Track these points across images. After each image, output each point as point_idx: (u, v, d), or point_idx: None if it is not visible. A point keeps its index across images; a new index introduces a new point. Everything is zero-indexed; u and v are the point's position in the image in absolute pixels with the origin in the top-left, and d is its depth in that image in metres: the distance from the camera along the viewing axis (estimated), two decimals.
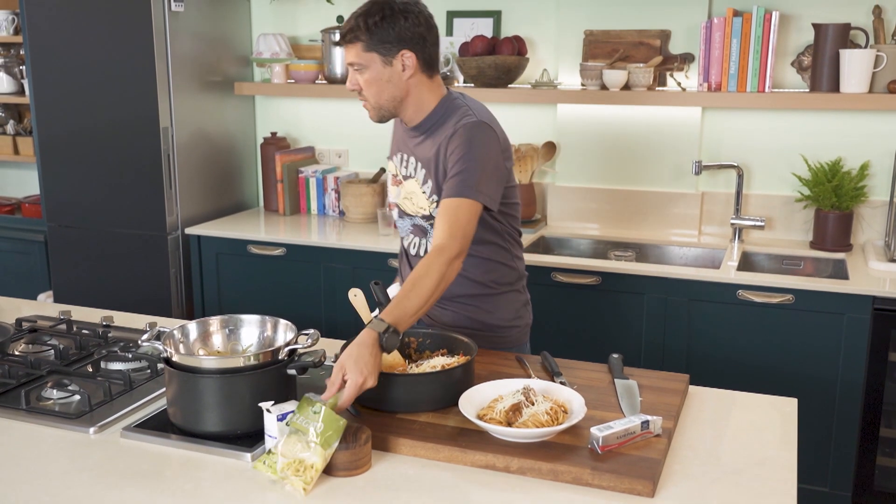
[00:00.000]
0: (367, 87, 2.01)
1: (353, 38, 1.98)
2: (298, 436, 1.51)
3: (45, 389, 1.87)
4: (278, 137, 3.92)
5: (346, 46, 2.01)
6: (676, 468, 1.58)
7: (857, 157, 3.20)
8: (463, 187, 1.93)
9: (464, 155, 1.96)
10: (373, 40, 1.97)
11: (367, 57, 1.98)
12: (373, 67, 1.99)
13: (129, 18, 3.40)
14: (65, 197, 3.71)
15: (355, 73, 2.02)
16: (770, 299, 2.81)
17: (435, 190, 2.06)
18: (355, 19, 1.99)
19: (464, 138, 1.97)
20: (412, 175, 2.12)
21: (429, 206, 2.10)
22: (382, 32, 1.97)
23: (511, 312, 2.19)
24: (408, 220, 2.18)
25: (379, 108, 2.05)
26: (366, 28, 1.97)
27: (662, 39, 3.34)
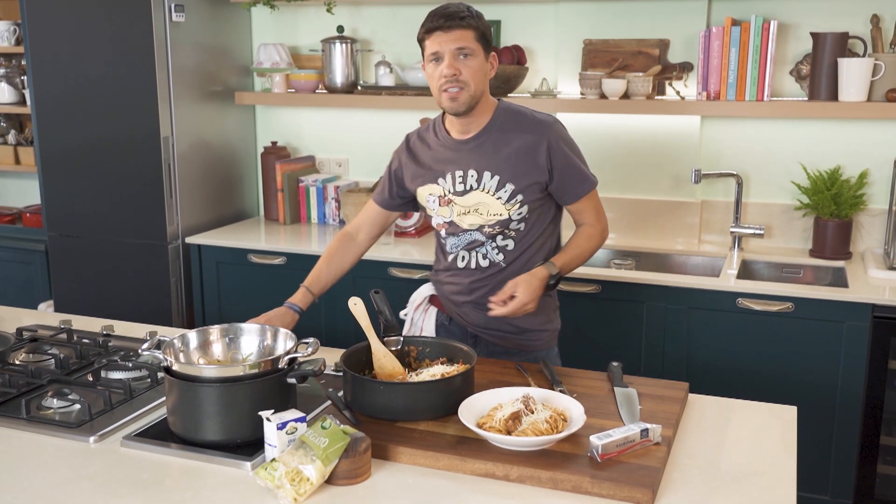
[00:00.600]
0: (470, 73, 2.03)
1: (468, 24, 2.02)
2: (305, 449, 1.52)
3: (45, 398, 1.88)
4: (279, 147, 3.93)
5: (456, 30, 2.01)
6: (676, 476, 1.58)
7: (856, 165, 3.21)
8: (586, 183, 2.14)
9: (570, 151, 2.11)
10: (481, 32, 2.04)
11: (476, 46, 2.03)
12: (478, 57, 2.04)
13: (130, 28, 3.42)
14: (66, 206, 3.72)
15: (459, 59, 2.02)
16: (770, 307, 2.82)
17: (521, 190, 2.08)
18: (465, 8, 2.03)
19: (557, 136, 2.10)
20: (475, 187, 2.11)
21: (507, 210, 2.10)
22: (487, 29, 2.07)
23: (543, 316, 2.21)
24: (463, 236, 2.16)
25: (473, 97, 2.05)
26: (477, 19, 2.04)
27: (661, 48, 3.35)
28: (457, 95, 2.03)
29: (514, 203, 2.09)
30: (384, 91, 3.61)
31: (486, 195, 2.10)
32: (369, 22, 3.80)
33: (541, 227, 2.15)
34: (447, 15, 2.01)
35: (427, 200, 2.20)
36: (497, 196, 2.09)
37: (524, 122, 2.11)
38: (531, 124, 2.10)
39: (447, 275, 2.24)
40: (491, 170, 2.09)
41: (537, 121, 2.11)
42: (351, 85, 3.72)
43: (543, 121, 2.11)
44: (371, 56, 3.82)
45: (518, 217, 2.11)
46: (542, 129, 2.09)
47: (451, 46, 2.01)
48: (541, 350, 2.22)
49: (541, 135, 2.08)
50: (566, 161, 2.10)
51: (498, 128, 2.11)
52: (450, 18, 2.00)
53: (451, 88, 2.03)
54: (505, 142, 2.09)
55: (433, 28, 2.01)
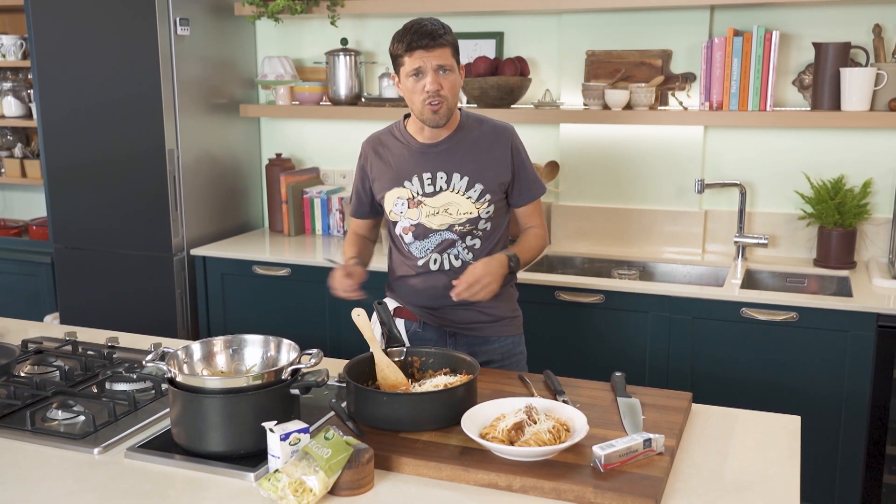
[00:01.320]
0: (450, 88, 2.15)
1: (446, 41, 2.13)
2: (308, 460, 1.52)
3: (50, 410, 1.89)
4: (283, 159, 3.95)
5: (437, 49, 2.11)
6: (679, 486, 1.58)
7: (860, 174, 3.21)
8: (539, 186, 2.33)
9: (525, 157, 2.30)
10: (456, 47, 2.17)
11: (453, 61, 2.15)
12: (455, 72, 2.16)
13: (136, 42, 3.44)
14: (71, 219, 3.74)
15: (440, 74, 2.13)
16: (774, 317, 2.81)
17: (489, 190, 2.22)
18: (441, 26, 2.13)
19: (518, 141, 2.29)
20: (444, 188, 2.23)
21: (478, 209, 2.23)
22: (456, 44, 2.18)
23: (512, 303, 2.38)
24: (433, 237, 2.25)
25: (451, 109, 2.19)
26: (451, 36, 2.15)
27: (664, 59, 3.36)
28: (438, 109, 2.15)
29: (483, 202, 2.22)
30: (388, 103, 3.63)
31: (456, 195, 2.22)
32: (373, 34, 3.82)
33: (502, 227, 2.31)
34: (428, 34, 2.10)
35: (395, 204, 2.27)
36: (467, 196, 2.22)
37: (488, 127, 2.28)
38: (494, 128, 2.28)
39: (419, 280, 2.30)
40: (460, 171, 2.22)
41: (499, 125, 2.29)
42: (355, 97, 3.74)
43: (505, 126, 2.29)
44: (375, 68, 3.83)
45: (486, 216, 2.24)
46: (504, 132, 2.27)
47: (433, 63, 2.11)
48: (513, 335, 2.35)
49: (505, 137, 2.26)
50: (524, 164, 2.29)
51: (465, 132, 2.25)
52: (432, 38, 2.10)
53: (433, 103, 2.14)
54: (473, 145, 2.24)
55: (416, 47, 2.10)
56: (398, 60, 2.17)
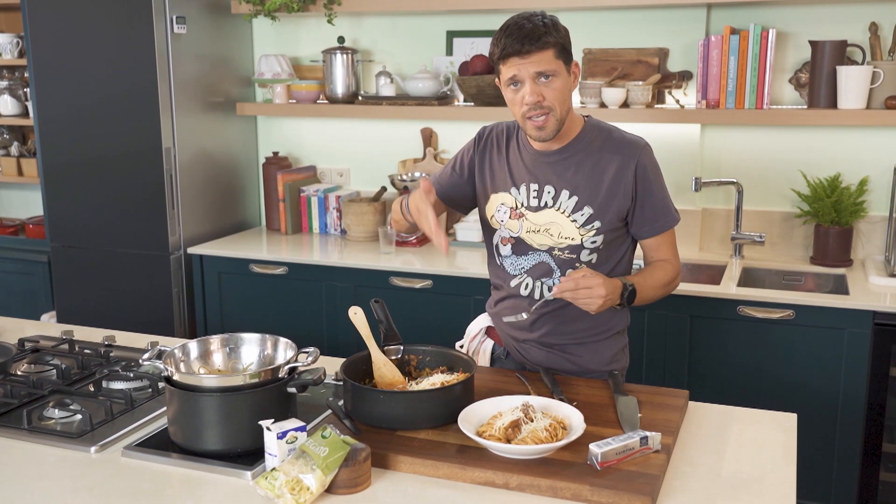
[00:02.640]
0: (555, 96, 1.87)
1: (546, 43, 1.82)
2: (305, 458, 1.52)
3: (46, 409, 1.88)
4: (280, 157, 3.95)
5: (535, 54, 1.82)
6: (675, 484, 1.58)
7: (856, 172, 3.21)
8: (669, 218, 2.01)
9: (657, 180, 1.99)
10: (562, 47, 1.86)
11: (558, 64, 1.86)
12: (561, 76, 1.87)
13: (132, 40, 3.43)
14: (68, 217, 3.73)
15: (540, 82, 1.85)
16: (771, 315, 2.82)
17: (598, 216, 1.95)
18: (542, 26, 1.82)
19: (648, 160, 1.97)
20: (549, 204, 1.97)
21: (581, 235, 1.97)
22: (566, 39, 1.88)
23: (608, 357, 2.09)
24: (531, 256, 2.02)
25: (560, 120, 1.90)
26: (557, 34, 1.85)
27: (660, 57, 3.36)
28: (543, 124, 1.88)
29: (589, 229, 1.96)
30: (385, 101, 3.63)
31: (560, 215, 1.97)
32: (370, 32, 3.82)
33: (612, 263, 2.02)
34: (524, 37, 1.81)
35: (497, 210, 2.04)
36: (572, 218, 1.96)
37: (612, 141, 1.97)
38: (620, 144, 1.96)
39: (507, 303, 2.08)
40: (570, 188, 1.96)
41: (626, 141, 1.97)
42: (352, 95, 3.73)
43: (634, 142, 1.97)
44: (372, 66, 3.83)
45: (591, 245, 1.97)
46: (631, 150, 1.95)
47: (530, 71, 1.84)
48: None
49: (629, 157, 1.94)
50: (651, 189, 1.96)
51: (584, 145, 1.96)
52: (528, 41, 1.81)
53: (536, 117, 1.88)
54: (589, 161, 1.95)
55: (510, 53, 1.83)
56: (495, 67, 1.90)
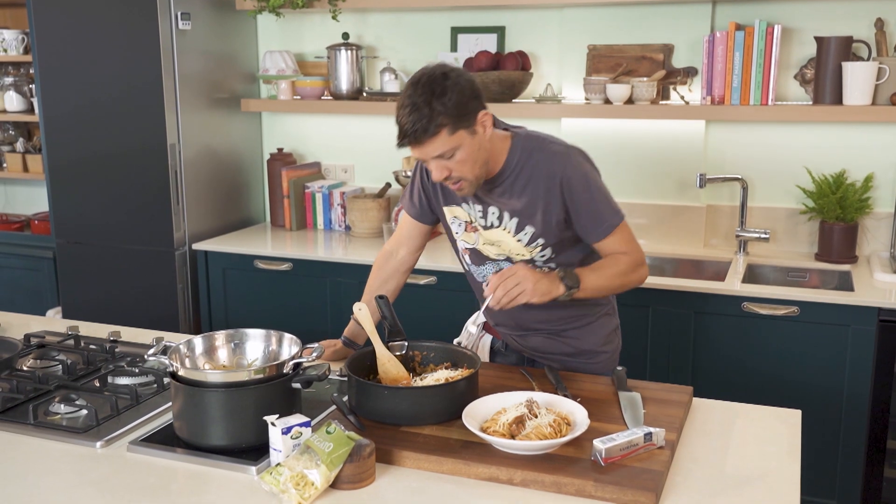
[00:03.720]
0: (462, 167, 1.86)
1: (436, 128, 1.79)
2: (310, 454, 1.53)
3: (52, 404, 1.89)
4: (285, 153, 3.95)
5: (427, 141, 1.81)
6: (679, 480, 1.58)
7: (861, 168, 3.20)
8: (608, 223, 1.96)
9: (588, 187, 1.94)
10: (454, 120, 1.80)
11: (456, 138, 1.82)
12: (464, 145, 1.84)
13: (137, 37, 3.44)
14: (73, 214, 3.74)
15: (444, 161, 1.85)
16: (775, 311, 2.81)
17: (541, 233, 1.97)
18: (426, 108, 1.78)
19: (573, 172, 1.93)
20: (496, 225, 2.01)
21: (530, 252, 2.01)
22: (460, 105, 1.81)
23: (601, 337, 2.14)
24: (490, 265, 2.07)
25: (477, 179, 1.91)
26: (444, 111, 1.79)
27: (665, 53, 3.35)
28: (459, 187, 1.92)
29: (535, 246, 1.99)
30: (389, 97, 3.62)
31: (507, 234, 2.00)
32: (374, 29, 3.82)
33: (577, 264, 2.01)
34: (411, 133, 1.80)
35: (451, 222, 2.10)
36: (517, 238, 2.00)
37: (537, 159, 1.95)
38: (546, 160, 1.94)
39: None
40: (509, 211, 1.98)
41: (552, 155, 1.95)
42: (356, 91, 3.74)
43: (559, 154, 1.95)
44: (376, 62, 3.83)
45: (541, 259, 2.02)
46: (554, 166, 1.93)
47: (429, 155, 1.84)
48: (601, 372, 2.11)
49: (553, 173, 1.93)
50: (581, 200, 1.94)
51: (512, 170, 1.96)
52: (415, 137, 1.80)
53: (450, 185, 1.93)
54: (519, 184, 1.96)
55: (405, 145, 1.84)
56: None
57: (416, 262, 2.30)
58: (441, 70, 1.83)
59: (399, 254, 2.26)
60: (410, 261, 2.27)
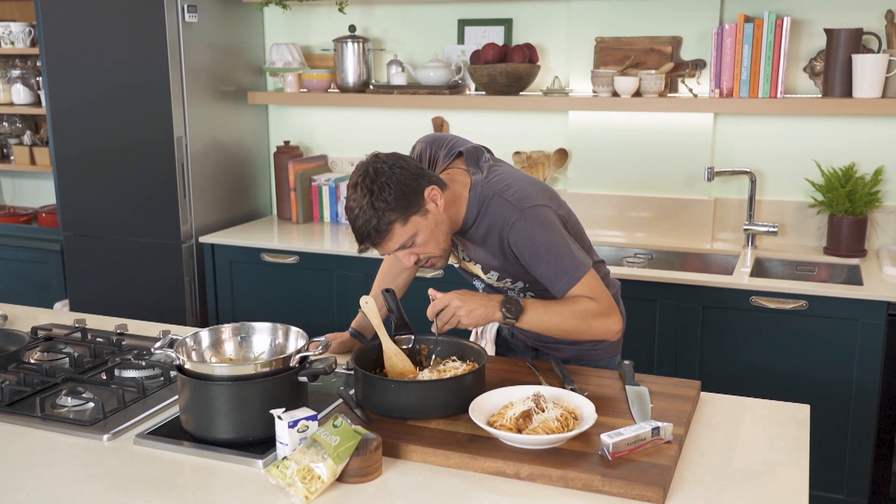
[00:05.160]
0: (426, 248, 1.89)
1: (388, 226, 1.81)
2: (316, 447, 1.52)
3: (59, 397, 1.89)
4: (291, 146, 3.94)
5: (384, 241, 1.84)
6: (687, 475, 1.57)
7: (871, 162, 3.18)
8: (566, 282, 1.88)
9: (536, 250, 1.88)
10: (402, 211, 1.81)
11: (410, 226, 1.84)
12: (420, 230, 1.85)
13: (144, 29, 3.44)
14: (80, 206, 3.75)
15: (406, 250, 1.88)
16: (784, 305, 2.80)
17: (506, 276, 2.01)
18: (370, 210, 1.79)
19: (523, 236, 1.88)
20: (467, 260, 2.06)
21: (503, 285, 2.05)
22: (402, 196, 1.81)
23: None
24: (477, 282, 2.14)
25: (445, 251, 1.93)
26: (388, 207, 1.79)
27: (674, 46, 3.34)
28: (432, 265, 1.95)
29: (504, 281, 2.03)
30: (396, 90, 3.62)
31: (479, 271, 2.05)
32: (381, 21, 3.81)
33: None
34: (363, 239, 1.83)
35: None
36: (487, 276, 2.04)
37: (487, 220, 1.92)
38: (492, 224, 1.91)
39: None
40: (475, 259, 2.02)
41: (497, 220, 1.91)
42: (363, 84, 3.73)
43: (502, 220, 1.90)
44: (383, 55, 3.82)
45: (517, 289, 2.05)
46: (500, 231, 1.90)
47: (392, 250, 1.87)
48: (602, 360, 2.14)
49: (500, 237, 1.91)
50: (530, 262, 1.90)
51: (471, 224, 1.95)
52: (368, 241, 1.83)
53: (423, 265, 1.96)
54: (479, 236, 1.96)
55: (364, 249, 1.87)
56: None
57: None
58: (374, 166, 1.82)
59: None
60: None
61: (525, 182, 1.96)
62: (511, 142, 3.57)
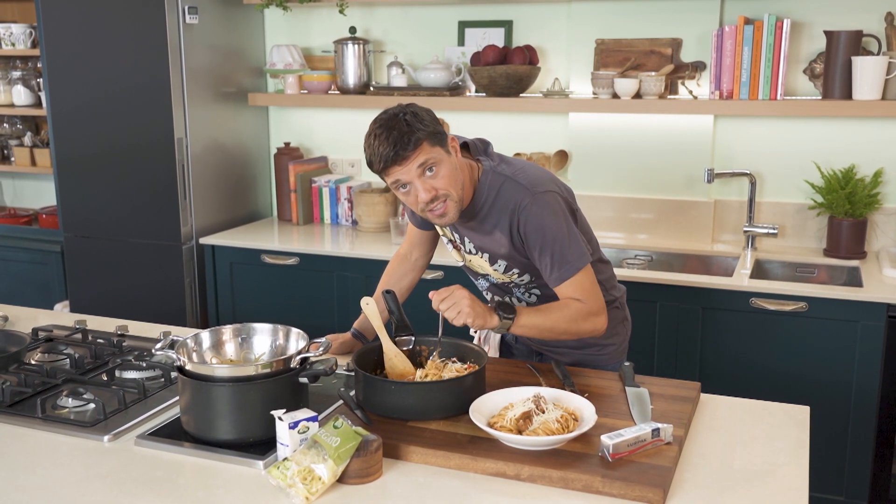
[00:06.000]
0: (445, 182, 1.85)
1: (417, 141, 1.80)
2: (317, 448, 1.53)
3: (60, 398, 1.89)
4: (292, 147, 3.95)
5: (411, 155, 1.80)
6: (687, 476, 1.58)
7: (871, 164, 3.19)
8: (565, 271, 1.91)
9: (544, 233, 1.90)
10: (431, 134, 1.82)
11: (435, 152, 1.83)
12: (444, 161, 1.84)
13: (145, 31, 3.44)
14: (81, 208, 3.75)
15: (427, 178, 1.83)
16: (783, 307, 2.80)
17: (514, 266, 2.01)
18: (403, 125, 1.80)
19: (534, 217, 1.89)
20: (473, 252, 2.05)
21: (509, 278, 2.04)
22: (432, 124, 1.84)
23: (608, 329, 2.08)
24: (482, 280, 2.14)
25: (460, 200, 1.89)
26: (421, 127, 1.81)
27: (674, 48, 3.34)
28: (444, 211, 1.88)
29: (511, 274, 2.03)
30: (396, 92, 3.62)
31: (485, 263, 2.04)
32: (381, 23, 3.81)
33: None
34: (395, 142, 1.79)
35: (442, 238, 2.16)
36: (494, 268, 2.04)
37: (499, 202, 1.93)
38: (504, 204, 1.92)
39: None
40: (480, 247, 2.02)
41: (509, 200, 1.92)
42: (363, 86, 3.73)
43: (515, 202, 1.91)
44: (383, 57, 3.83)
45: (522, 283, 2.05)
46: (511, 212, 1.91)
47: (413, 169, 1.82)
48: (607, 364, 2.13)
49: (510, 220, 1.92)
50: (536, 246, 1.92)
51: (481, 207, 1.95)
52: (401, 146, 1.79)
53: (435, 208, 1.88)
54: (486, 225, 1.97)
55: (388, 163, 1.81)
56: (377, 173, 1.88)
57: (430, 260, 2.35)
58: (402, 106, 1.86)
59: (413, 255, 2.31)
60: (424, 261, 2.33)
61: (536, 169, 2.00)
62: (511, 143, 3.57)
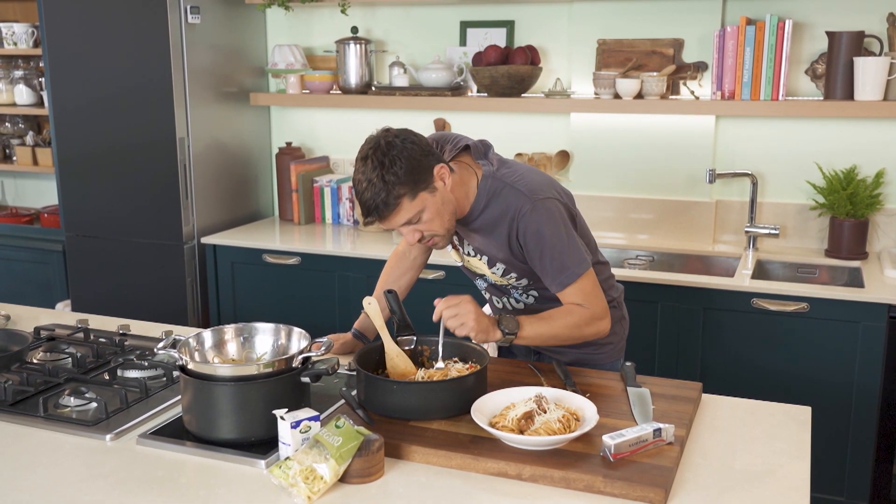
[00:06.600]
0: (430, 225, 1.89)
1: (396, 200, 1.80)
2: (319, 448, 1.53)
3: (62, 397, 1.90)
4: (293, 147, 3.95)
5: (391, 215, 1.83)
6: (688, 476, 1.58)
7: (872, 164, 3.19)
8: (566, 277, 1.91)
9: (542, 241, 1.90)
10: (411, 186, 1.81)
11: (418, 202, 1.84)
12: (427, 206, 1.86)
13: (147, 30, 3.44)
14: (83, 207, 3.75)
15: (411, 226, 1.88)
16: (785, 307, 2.80)
17: (512, 269, 2.02)
18: (380, 183, 1.79)
19: (532, 225, 1.90)
20: (472, 255, 2.06)
21: (507, 281, 2.06)
22: (412, 171, 1.81)
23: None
24: (480, 281, 2.15)
25: (449, 231, 1.93)
26: (398, 181, 1.79)
27: (675, 48, 3.34)
28: (433, 244, 1.95)
29: (509, 277, 2.04)
30: (398, 91, 3.62)
31: (484, 266, 2.05)
32: (383, 22, 3.81)
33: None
34: (371, 212, 1.83)
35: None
36: (492, 270, 2.05)
37: (496, 209, 1.93)
38: (502, 212, 1.93)
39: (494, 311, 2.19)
40: (480, 251, 2.03)
41: (507, 208, 1.92)
42: (365, 85, 3.73)
43: (514, 209, 1.91)
44: (385, 57, 3.83)
45: (521, 286, 2.07)
46: (509, 220, 1.92)
47: (397, 225, 1.87)
48: (605, 363, 2.15)
49: (509, 227, 1.93)
50: (534, 254, 1.92)
51: (479, 214, 1.96)
52: (376, 213, 1.83)
53: (424, 242, 1.94)
54: (484, 231, 1.98)
55: (371, 222, 1.87)
56: None
57: (428, 259, 2.34)
58: (385, 140, 1.83)
59: (412, 254, 2.30)
60: (422, 259, 2.32)
61: (536, 174, 2.00)
62: (513, 143, 3.57)
